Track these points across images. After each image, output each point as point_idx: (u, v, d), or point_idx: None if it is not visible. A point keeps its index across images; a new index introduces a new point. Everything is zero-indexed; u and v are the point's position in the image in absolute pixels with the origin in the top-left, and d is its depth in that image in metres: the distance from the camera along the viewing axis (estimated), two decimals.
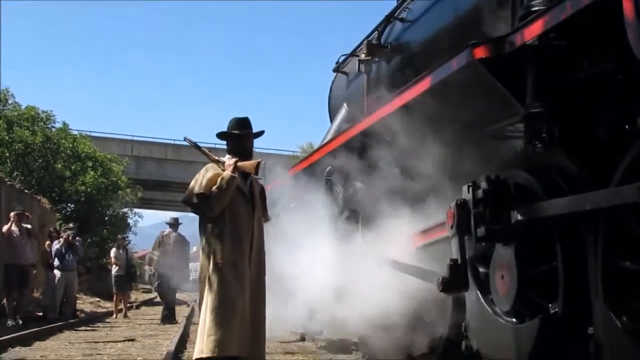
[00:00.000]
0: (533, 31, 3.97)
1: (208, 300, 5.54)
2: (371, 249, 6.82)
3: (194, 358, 5.61)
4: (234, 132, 5.93)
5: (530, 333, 4.46)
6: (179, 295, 38.67)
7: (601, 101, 4.08)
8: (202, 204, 5.67)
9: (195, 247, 17.24)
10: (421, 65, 5.92)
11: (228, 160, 5.74)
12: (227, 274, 5.54)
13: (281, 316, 8.10)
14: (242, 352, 5.50)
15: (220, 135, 5.99)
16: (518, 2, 4.58)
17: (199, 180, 5.69)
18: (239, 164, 5.68)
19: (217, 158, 5.86)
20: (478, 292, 5.14)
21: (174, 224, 15.58)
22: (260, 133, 6.08)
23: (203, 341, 5.44)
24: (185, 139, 6.18)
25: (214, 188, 5.57)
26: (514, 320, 4.77)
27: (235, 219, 5.66)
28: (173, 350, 7.52)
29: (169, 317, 14.96)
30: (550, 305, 4.43)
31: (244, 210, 5.73)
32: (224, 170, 5.65)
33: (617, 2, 3.32)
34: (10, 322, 12.67)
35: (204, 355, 5.42)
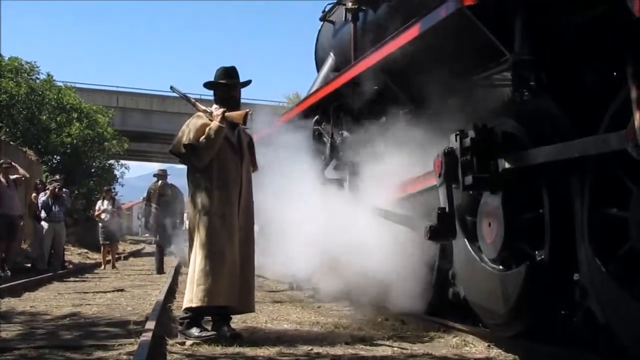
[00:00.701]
0: None
1: (197, 250, 5.54)
2: (358, 198, 6.86)
3: (183, 307, 5.60)
4: (221, 81, 5.87)
5: (516, 280, 4.52)
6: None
7: (589, 47, 4.07)
8: (190, 154, 5.65)
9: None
10: (409, 13, 5.87)
11: (216, 110, 5.70)
12: (215, 224, 5.53)
13: (269, 265, 8.17)
14: (231, 301, 5.52)
15: (208, 85, 5.92)
16: None
17: (187, 131, 5.65)
18: (227, 114, 5.65)
19: (204, 108, 5.81)
20: (465, 240, 5.19)
21: (163, 175, 15.55)
22: (248, 82, 6.01)
23: (192, 291, 5.45)
24: (171, 88, 6.09)
25: (201, 138, 5.54)
26: (500, 267, 4.84)
27: (223, 169, 5.64)
28: (162, 300, 7.56)
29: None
30: (536, 252, 4.48)
31: (232, 160, 5.69)
32: (211, 120, 5.61)
33: None
34: None
35: (193, 305, 5.42)
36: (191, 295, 5.45)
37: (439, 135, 5.39)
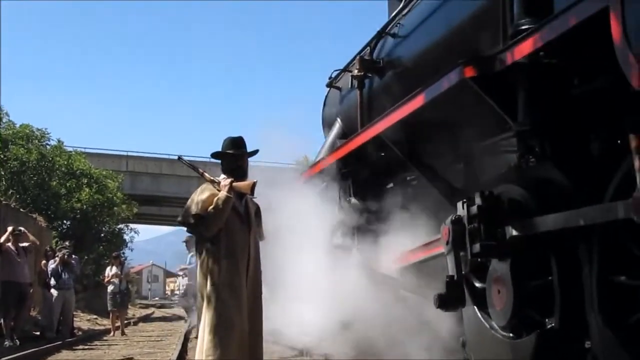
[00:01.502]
0: (523, 50, 4.01)
1: (206, 319, 5.57)
2: (365, 265, 6.85)
3: None
4: (228, 151, 5.96)
5: (527, 348, 4.48)
6: (176, 311, 38.65)
7: (593, 117, 4.12)
8: (199, 224, 5.71)
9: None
10: (414, 81, 5.95)
11: (223, 180, 5.77)
12: (224, 293, 5.57)
13: (280, 330, 8.11)
14: None
15: (215, 155, 6.02)
16: (508, 21, 4.63)
17: (195, 201, 5.72)
18: (235, 184, 5.71)
19: (212, 178, 5.88)
20: (475, 307, 5.17)
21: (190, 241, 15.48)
22: (254, 152, 6.10)
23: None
24: (179, 159, 6.20)
25: (209, 208, 5.61)
26: (511, 335, 4.79)
27: (231, 238, 5.69)
28: None
29: None
30: (547, 320, 4.45)
31: (239, 229, 5.76)
32: (219, 190, 5.67)
33: (605, 20, 3.37)
34: (7, 343, 12.60)
35: None
36: None
37: (445, 203, 5.41)
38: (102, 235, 30.93)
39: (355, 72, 7.90)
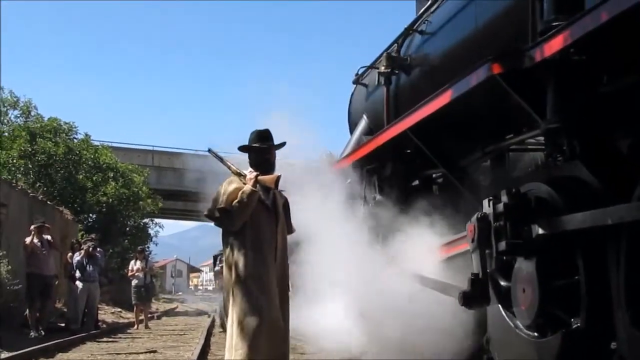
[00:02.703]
0: (553, 46, 3.98)
1: (233, 314, 5.51)
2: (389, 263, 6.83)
3: None
4: (254, 145, 5.90)
5: (552, 347, 4.45)
6: (200, 306, 38.82)
7: (621, 115, 4.08)
8: (224, 218, 5.67)
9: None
10: (441, 78, 5.93)
11: (249, 174, 5.73)
12: (251, 286, 5.50)
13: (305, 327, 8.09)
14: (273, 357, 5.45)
15: (242, 149, 5.95)
16: (538, 17, 4.58)
17: (221, 194, 5.69)
18: (260, 177, 5.70)
19: (239, 171, 5.83)
20: (500, 306, 5.13)
21: None
22: (281, 145, 6.00)
23: (232, 356, 5.41)
24: (209, 151, 6.10)
25: (234, 202, 5.56)
26: (535, 334, 4.76)
27: (257, 231, 5.63)
28: None
29: None
30: (572, 319, 4.41)
31: (266, 222, 5.70)
32: (245, 184, 5.69)
33: (636, 17, 3.33)
34: (33, 334, 12.73)
35: None
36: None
37: (471, 200, 5.38)
38: (127, 229, 31.11)
39: (382, 68, 7.88)
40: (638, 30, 3.32)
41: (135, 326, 17.72)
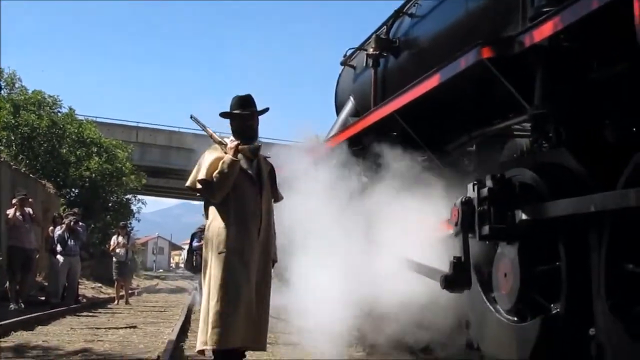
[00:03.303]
0: (543, 32, 3.98)
1: (211, 289, 5.31)
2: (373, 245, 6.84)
3: (196, 350, 5.47)
4: (235, 112, 5.62)
5: (531, 332, 4.49)
6: (180, 284, 38.83)
7: (609, 103, 4.09)
8: (205, 189, 5.47)
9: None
10: (430, 62, 5.92)
11: (230, 143, 5.49)
12: (232, 261, 5.29)
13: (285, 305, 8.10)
14: (246, 342, 5.34)
15: (223, 115, 5.65)
16: (528, 2, 4.58)
17: (202, 164, 5.48)
18: (240, 147, 5.46)
19: (220, 139, 5.57)
20: (480, 290, 5.17)
21: None
22: (265, 110, 5.72)
23: (206, 332, 5.25)
24: (192, 118, 5.74)
25: (215, 173, 5.35)
26: (515, 318, 4.80)
27: (240, 202, 5.41)
28: (174, 339, 7.55)
29: None
30: (552, 305, 4.45)
31: (250, 192, 5.47)
32: (226, 153, 5.44)
33: (628, 4, 3.33)
34: (12, 306, 12.69)
35: (208, 347, 5.27)
36: (205, 337, 5.26)
37: (455, 184, 5.39)
38: (110, 204, 31.04)
39: (371, 50, 7.86)
40: (629, 17, 3.31)
41: (116, 301, 17.71)
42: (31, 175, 19.33)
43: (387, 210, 6.53)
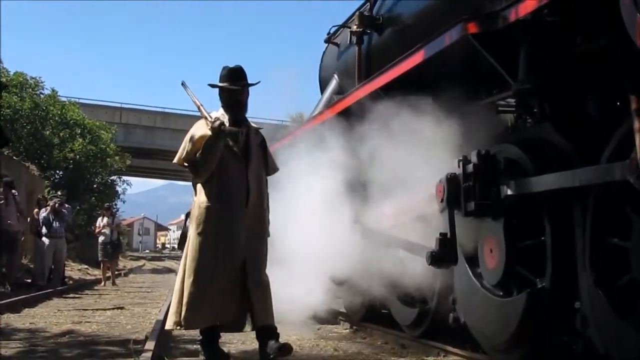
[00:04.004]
0: (527, 7, 3.97)
1: (186, 268, 5.15)
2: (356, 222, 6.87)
3: (166, 328, 5.40)
4: (224, 85, 5.35)
5: (517, 307, 4.53)
6: (167, 264, 38.81)
7: (593, 78, 4.10)
8: (190, 168, 5.28)
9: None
10: (413, 38, 5.89)
11: (214, 121, 5.19)
12: (207, 241, 5.12)
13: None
14: (221, 320, 5.18)
15: (212, 86, 5.39)
16: None
17: (187, 142, 5.26)
18: (224, 128, 5.17)
19: (207, 114, 5.28)
20: (466, 266, 5.20)
21: None
22: (256, 84, 5.43)
23: (179, 313, 5.09)
24: (183, 85, 5.49)
25: (198, 154, 5.18)
26: (501, 293, 4.84)
27: (224, 179, 5.19)
28: (162, 319, 7.54)
29: None
30: (538, 279, 4.49)
31: (235, 168, 5.22)
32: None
33: None
34: None
35: (175, 327, 5.15)
36: (178, 318, 5.11)
37: (439, 161, 5.40)
38: (95, 186, 30.94)
39: (355, 28, 7.82)
40: None
41: (102, 283, 17.68)
42: (14, 158, 19.22)
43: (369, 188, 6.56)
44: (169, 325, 5.22)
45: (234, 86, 5.33)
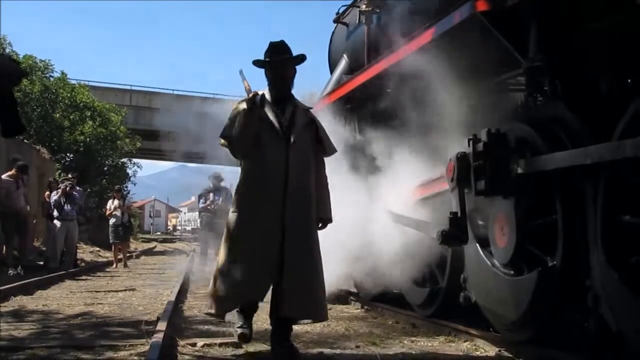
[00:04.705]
0: None
1: (221, 250, 4.98)
2: (368, 201, 6.86)
3: (204, 312, 5.29)
4: (266, 60, 5.04)
5: (528, 285, 4.52)
6: (178, 246, 38.96)
7: (604, 55, 4.06)
8: (228, 146, 5.04)
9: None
10: (423, 17, 5.87)
11: (251, 95, 4.91)
12: (240, 224, 4.88)
13: None
14: (251, 296, 4.90)
15: (256, 64, 5.10)
16: None
17: (225, 121, 5.05)
18: (258, 100, 4.91)
19: (248, 91, 4.97)
20: (477, 245, 5.19)
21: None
22: (300, 58, 5.10)
23: (214, 295, 4.93)
24: (240, 73, 5.10)
25: (233, 130, 4.94)
26: (512, 272, 4.83)
27: (260, 158, 4.92)
28: (174, 300, 7.59)
29: None
30: (548, 258, 4.47)
31: (274, 146, 4.91)
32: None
33: None
34: (11, 271, 12.73)
35: (212, 311, 4.99)
36: (211, 301, 4.97)
37: (450, 140, 5.38)
38: (105, 168, 31.00)
39: (364, 7, 7.79)
40: None
41: (114, 265, 17.76)
42: (25, 141, 19.26)
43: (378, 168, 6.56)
44: (206, 309, 5.09)
45: (276, 59, 5.01)
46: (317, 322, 5.41)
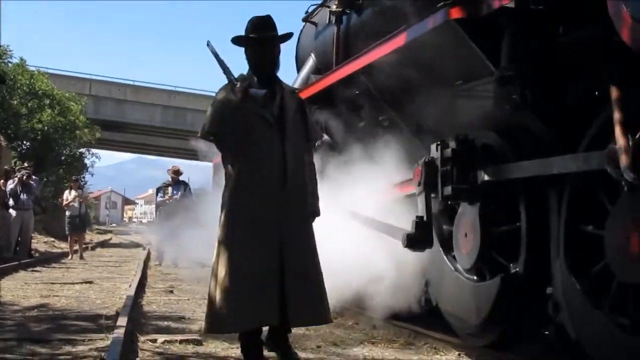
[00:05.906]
0: None
1: (214, 263, 4.43)
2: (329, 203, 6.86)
3: (202, 333, 4.96)
4: (251, 36, 4.45)
5: (490, 291, 4.58)
6: (134, 238, 38.62)
7: (575, 67, 4.12)
8: (214, 142, 4.58)
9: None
10: (394, 21, 5.89)
11: (240, 84, 4.41)
12: (234, 231, 4.37)
13: None
14: (266, 320, 4.35)
15: (235, 41, 4.50)
16: None
17: (208, 113, 4.50)
18: (251, 91, 4.40)
19: (231, 77, 4.49)
20: (441, 249, 5.24)
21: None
22: (287, 36, 4.62)
23: (210, 315, 4.40)
24: (207, 45, 4.58)
25: (225, 125, 4.42)
26: (474, 278, 4.89)
27: (252, 152, 4.39)
28: (133, 295, 7.52)
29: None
30: (511, 264, 4.55)
31: (266, 138, 4.38)
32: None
33: None
34: None
35: (210, 333, 4.63)
36: (209, 321, 4.43)
37: (416, 146, 5.43)
38: (63, 158, 30.58)
39: (334, 7, 7.78)
40: None
41: (70, 256, 17.53)
42: None
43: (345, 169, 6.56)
44: (204, 330, 4.59)
45: (260, 36, 4.45)
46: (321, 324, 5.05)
